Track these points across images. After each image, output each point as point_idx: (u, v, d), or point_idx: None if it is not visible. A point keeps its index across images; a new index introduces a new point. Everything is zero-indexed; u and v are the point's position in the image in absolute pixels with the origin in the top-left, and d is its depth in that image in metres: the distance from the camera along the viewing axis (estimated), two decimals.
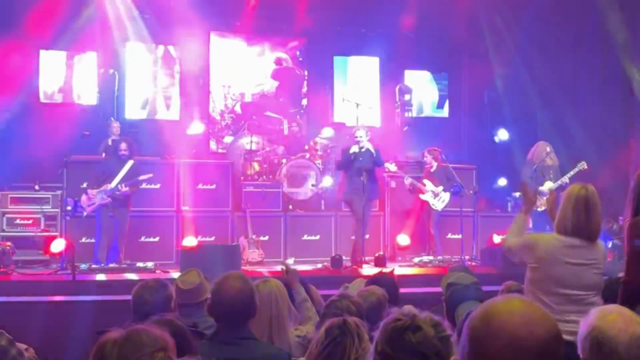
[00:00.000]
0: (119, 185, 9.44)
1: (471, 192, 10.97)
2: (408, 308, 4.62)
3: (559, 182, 10.47)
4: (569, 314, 4.05)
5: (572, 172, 10.50)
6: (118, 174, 9.52)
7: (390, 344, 1.94)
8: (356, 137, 9.96)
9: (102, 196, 9.44)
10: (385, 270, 6.97)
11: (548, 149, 10.74)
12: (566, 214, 4.29)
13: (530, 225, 11.12)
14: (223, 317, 3.40)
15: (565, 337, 2.07)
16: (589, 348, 2.41)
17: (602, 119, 12.26)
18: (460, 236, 10.80)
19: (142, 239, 10.31)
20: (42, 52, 11.84)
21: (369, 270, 9.03)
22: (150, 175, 9.75)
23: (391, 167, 10.83)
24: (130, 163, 9.64)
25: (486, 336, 1.59)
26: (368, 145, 9.91)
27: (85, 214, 9.45)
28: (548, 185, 10.49)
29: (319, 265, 9.91)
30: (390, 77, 13.53)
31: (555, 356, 1.60)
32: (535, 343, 1.57)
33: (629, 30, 11.62)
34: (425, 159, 11.13)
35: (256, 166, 11.63)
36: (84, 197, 9.48)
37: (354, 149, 9.86)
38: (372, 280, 4.91)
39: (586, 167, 10.44)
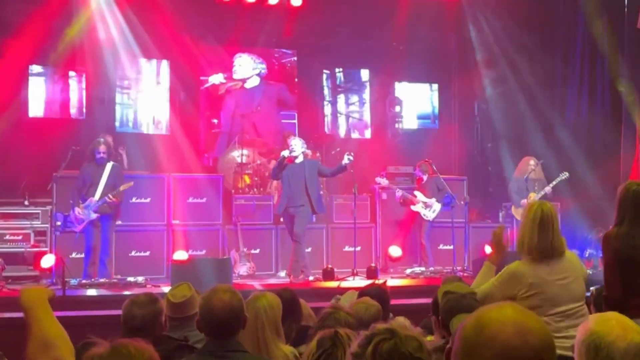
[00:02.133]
0: (106, 197, 9.25)
1: (462, 202, 10.99)
2: (401, 320, 4.62)
3: (542, 192, 10.56)
4: (567, 329, 4.07)
5: (554, 182, 10.59)
6: (99, 181, 9.33)
7: None
8: (290, 145, 9.76)
9: (89, 212, 9.26)
10: (378, 281, 6.94)
11: (532, 162, 10.83)
12: (523, 233, 4.30)
13: None
14: (212, 330, 3.38)
15: (566, 352, 2.06)
16: (585, 352, 2.39)
17: (591, 129, 12.32)
18: (451, 247, 10.81)
19: (133, 253, 10.25)
20: (31, 67, 11.81)
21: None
22: (131, 183, 9.52)
23: (382, 181, 10.87)
24: (109, 165, 9.46)
25: (478, 346, 1.57)
26: (301, 157, 9.70)
27: (77, 232, 9.38)
28: (532, 197, 10.56)
29: (311, 278, 9.88)
30: (381, 89, 13.58)
31: None
32: (528, 353, 1.55)
33: (615, 41, 11.70)
34: (416, 171, 11.14)
35: (247, 179, 11.61)
36: (72, 216, 9.35)
37: (284, 153, 9.66)
38: (364, 291, 4.89)
39: (568, 176, 10.54)
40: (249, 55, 13.19)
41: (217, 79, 13.01)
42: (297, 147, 9.70)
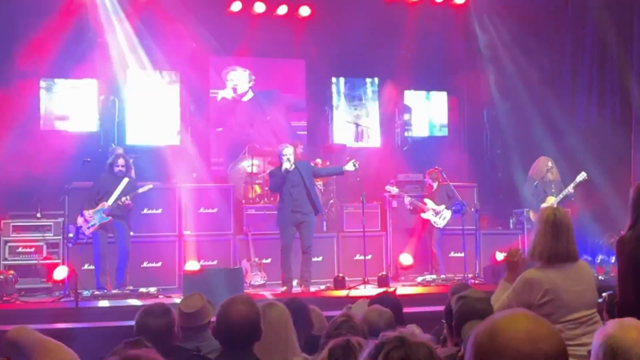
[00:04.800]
0: (119, 201, 9.31)
1: (472, 209, 10.97)
2: (412, 327, 4.62)
3: (563, 193, 10.37)
4: (580, 336, 4.03)
5: (574, 183, 10.39)
6: (113, 192, 9.38)
7: None
8: (284, 154, 9.58)
9: (100, 215, 9.31)
10: (387, 289, 6.94)
11: (549, 164, 10.67)
12: (536, 239, 4.25)
13: None
14: (227, 340, 3.39)
15: None
16: (602, 357, 2.39)
17: (601, 132, 12.28)
18: (462, 254, 10.78)
19: (145, 264, 10.29)
20: (43, 80, 11.89)
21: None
22: (151, 186, 9.63)
23: (392, 189, 10.87)
24: (125, 180, 9.52)
25: (491, 352, 1.58)
26: (291, 165, 9.58)
27: (86, 238, 9.42)
28: (550, 201, 10.45)
29: (322, 287, 9.88)
30: (390, 97, 13.58)
31: None
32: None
33: (624, 42, 11.70)
34: (426, 179, 11.13)
35: (257, 189, 11.63)
36: (80, 220, 9.37)
37: (286, 165, 9.51)
38: (376, 300, 4.89)
39: (586, 177, 10.38)
40: (241, 68, 13.21)
41: (228, 93, 13.07)
42: (291, 155, 9.63)
